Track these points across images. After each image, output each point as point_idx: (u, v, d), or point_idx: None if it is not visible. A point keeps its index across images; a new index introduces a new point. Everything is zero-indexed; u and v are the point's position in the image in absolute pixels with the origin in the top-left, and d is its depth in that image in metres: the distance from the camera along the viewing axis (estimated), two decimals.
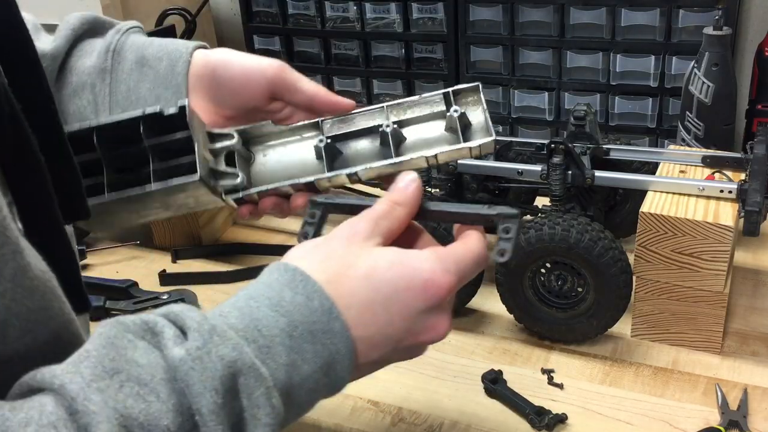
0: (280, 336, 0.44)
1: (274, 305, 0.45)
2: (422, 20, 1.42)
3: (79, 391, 0.37)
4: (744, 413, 0.78)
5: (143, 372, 0.39)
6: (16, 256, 0.39)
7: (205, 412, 0.39)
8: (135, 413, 0.38)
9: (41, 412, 0.36)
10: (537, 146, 1.01)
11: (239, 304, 0.46)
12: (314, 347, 0.46)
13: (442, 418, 0.80)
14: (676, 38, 1.25)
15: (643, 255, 0.86)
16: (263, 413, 0.42)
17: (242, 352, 0.42)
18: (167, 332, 0.41)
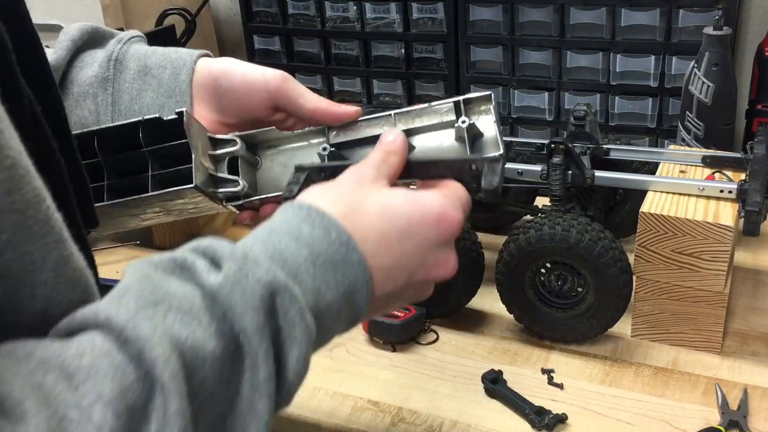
0: (305, 264, 0.46)
1: (295, 237, 0.47)
2: (422, 20, 1.42)
3: (127, 321, 0.37)
4: (744, 413, 0.78)
5: (182, 302, 0.40)
6: (60, 245, 0.39)
7: (249, 332, 0.40)
8: (183, 338, 0.38)
9: (93, 344, 0.37)
10: (537, 146, 1.01)
11: (261, 237, 0.47)
12: (335, 276, 0.47)
13: (442, 418, 0.80)
14: (676, 38, 1.25)
15: (643, 255, 0.86)
16: (299, 331, 0.43)
17: (276, 274, 0.43)
18: (199, 264, 0.42)
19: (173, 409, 0.36)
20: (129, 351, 0.37)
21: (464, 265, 0.90)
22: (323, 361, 0.90)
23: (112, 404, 0.35)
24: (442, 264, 0.53)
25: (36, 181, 0.38)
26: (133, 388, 0.36)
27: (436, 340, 0.93)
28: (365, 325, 0.92)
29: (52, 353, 0.36)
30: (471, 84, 1.42)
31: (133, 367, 0.36)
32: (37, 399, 0.33)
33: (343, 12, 1.47)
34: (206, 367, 0.39)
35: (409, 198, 0.52)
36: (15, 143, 0.37)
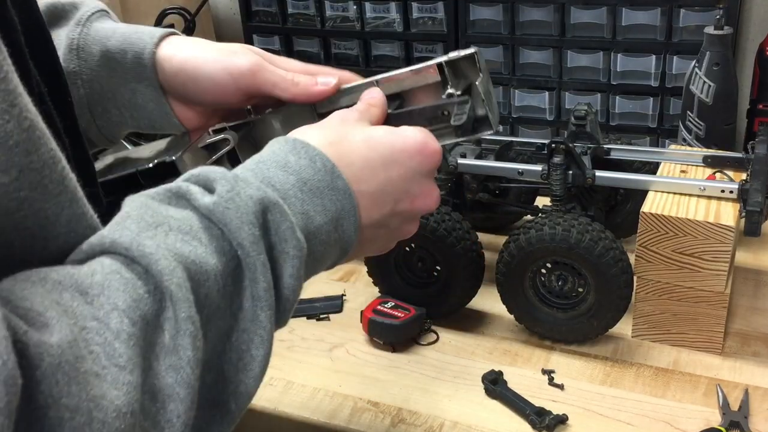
0: (293, 189, 0.48)
1: (282, 166, 0.49)
2: (422, 20, 1.42)
3: (131, 241, 0.40)
4: (745, 414, 0.78)
5: (182, 224, 0.42)
6: (73, 204, 0.41)
7: (246, 245, 0.42)
8: (186, 253, 0.41)
9: (102, 264, 0.39)
10: (537, 146, 1.01)
11: (250, 167, 0.49)
12: (322, 201, 0.49)
13: (442, 419, 0.80)
14: (677, 38, 1.25)
15: (643, 255, 0.86)
16: (290, 246, 0.45)
17: (266, 192, 0.45)
18: (193, 189, 0.44)
19: (183, 316, 0.38)
20: (136, 268, 0.39)
21: (464, 265, 0.90)
22: (323, 361, 0.90)
23: (127, 313, 0.37)
24: (425, 195, 0.56)
25: (52, 143, 0.40)
26: (145, 299, 0.38)
27: (436, 341, 0.93)
28: (365, 326, 0.92)
29: (65, 275, 0.38)
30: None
31: (142, 282, 0.39)
32: (57, 311, 0.35)
33: (342, 11, 1.47)
34: (210, 282, 0.41)
35: (391, 130, 0.55)
36: (32, 107, 0.39)
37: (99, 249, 0.40)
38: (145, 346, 0.37)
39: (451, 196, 1.00)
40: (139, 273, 0.39)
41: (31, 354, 0.33)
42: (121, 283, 0.38)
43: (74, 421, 0.33)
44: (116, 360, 0.36)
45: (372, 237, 0.55)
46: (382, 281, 0.97)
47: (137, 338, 0.37)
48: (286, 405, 0.83)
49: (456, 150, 1.01)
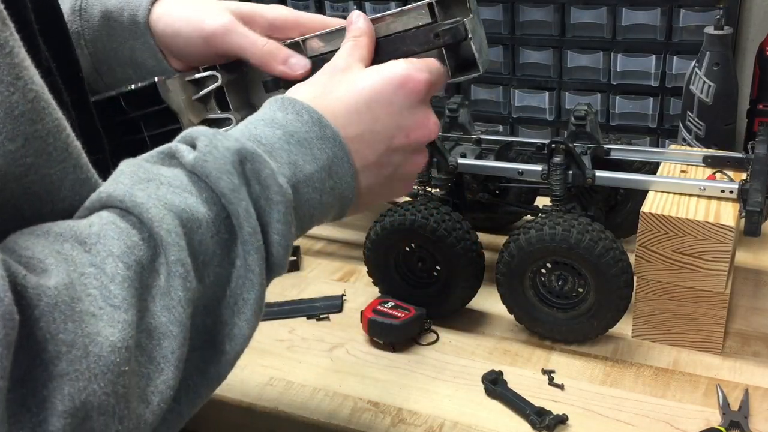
0: (279, 142, 0.49)
1: (269, 123, 0.51)
2: None
3: (125, 193, 0.42)
4: (745, 414, 0.78)
5: (171, 179, 0.44)
6: (77, 170, 0.44)
7: (226, 192, 0.44)
8: (176, 203, 0.43)
9: (99, 217, 0.42)
10: (537, 146, 1.01)
11: (238, 127, 0.51)
12: (312, 151, 0.50)
13: (442, 419, 0.80)
14: (677, 38, 1.25)
15: (643, 255, 0.86)
16: (273, 192, 0.46)
17: (244, 143, 0.47)
18: (181, 148, 0.47)
19: (173, 259, 0.41)
20: (130, 218, 0.42)
21: (464, 265, 0.90)
22: (323, 361, 0.90)
23: (122, 258, 0.40)
24: (421, 125, 0.56)
25: (56, 113, 0.42)
26: (139, 246, 0.41)
27: (436, 341, 0.93)
28: (365, 326, 0.92)
29: (65, 227, 0.41)
30: (471, 84, 1.42)
31: (137, 230, 0.41)
32: (56, 258, 0.38)
33: (343, 12, 1.46)
34: (202, 228, 0.44)
35: (373, 71, 0.56)
36: (37, 79, 0.41)
37: (98, 204, 0.43)
38: (141, 288, 0.40)
39: (451, 196, 1.00)
40: (133, 222, 0.42)
41: (30, 295, 0.35)
42: (116, 232, 0.41)
43: (71, 354, 0.35)
44: (112, 300, 0.38)
45: (376, 179, 0.55)
46: (382, 281, 0.97)
47: (132, 281, 0.39)
48: (286, 405, 0.83)
49: (456, 150, 1.01)
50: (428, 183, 0.98)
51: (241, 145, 0.46)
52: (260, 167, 0.46)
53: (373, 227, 0.94)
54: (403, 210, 0.91)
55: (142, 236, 0.41)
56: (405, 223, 0.90)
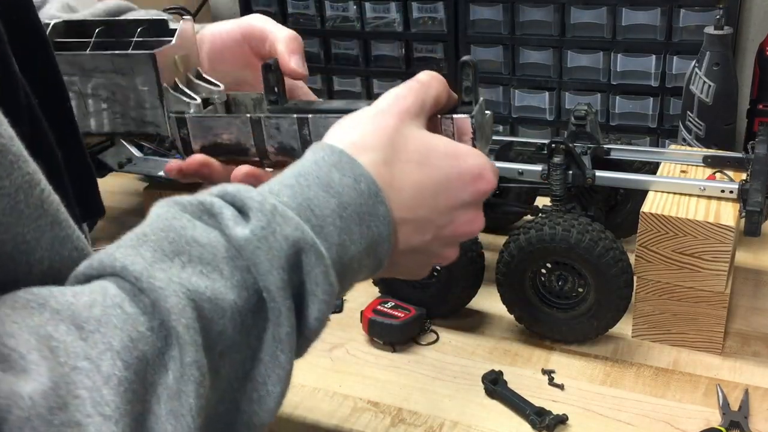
0: (332, 216, 0.45)
1: (324, 185, 0.45)
2: (422, 20, 1.42)
3: (143, 271, 0.38)
4: (745, 414, 0.78)
5: (204, 251, 0.40)
6: (54, 227, 0.40)
7: (273, 290, 0.40)
8: (201, 289, 0.38)
9: (105, 295, 0.37)
10: (537, 146, 1.01)
11: (289, 182, 0.46)
12: (360, 229, 0.46)
13: (442, 419, 0.80)
14: (677, 38, 1.25)
15: (643, 255, 0.86)
16: (321, 290, 0.43)
17: (304, 231, 0.43)
18: (226, 213, 0.42)
19: (189, 360, 0.36)
20: (143, 300, 0.37)
21: (464, 265, 0.90)
22: (323, 361, 0.90)
23: (122, 354, 0.35)
24: (471, 221, 0.52)
25: (28, 166, 0.39)
26: (146, 338, 0.36)
27: (436, 341, 0.93)
28: (365, 326, 0.92)
29: (64, 303, 0.36)
30: None
31: (146, 318, 0.37)
32: (43, 351, 0.34)
33: (343, 11, 1.47)
34: (226, 318, 0.39)
35: (452, 152, 0.51)
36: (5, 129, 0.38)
37: (110, 270, 0.38)
38: (141, 389, 0.36)
39: None
40: (145, 306, 0.37)
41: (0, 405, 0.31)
42: (121, 319, 0.36)
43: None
44: (102, 409, 0.33)
45: (408, 261, 0.52)
46: (382, 281, 0.97)
47: (130, 383, 0.35)
48: (286, 405, 0.83)
49: None
50: None
51: (300, 234, 0.42)
52: (315, 263, 0.42)
53: None
54: None
55: (152, 325, 0.37)
56: None
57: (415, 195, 0.49)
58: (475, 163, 0.52)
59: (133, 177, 1.33)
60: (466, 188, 0.51)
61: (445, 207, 0.50)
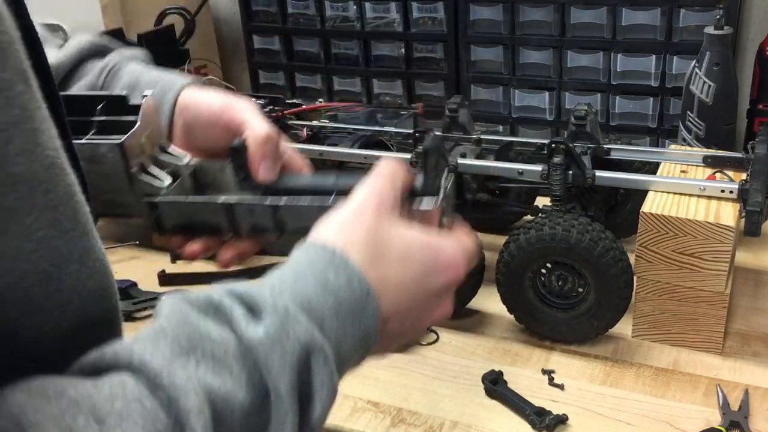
0: (329, 315, 0.46)
1: (320, 284, 0.47)
2: (422, 20, 1.42)
3: (163, 367, 0.38)
4: (745, 414, 0.78)
5: (216, 347, 0.40)
6: (83, 237, 0.40)
7: (283, 392, 0.41)
8: (215, 387, 0.39)
9: (124, 389, 0.37)
10: (537, 146, 1.01)
11: (288, 281, 0.47)
12: (352, 327, 0.47)
13: (442, 419, 0.80)
14: (677, 38, 1.25)
15: (643, 255, 0.86)
16: (325, 392, 0.44)
17: (314, 334, 0.44)
18: (237, 311, 0.42)
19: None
20: (161, 398, 0.37)
21: None
22: None
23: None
24: (442, 307, 0.55)
25: (69, 177, 0.39)
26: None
27: (436, 341, 0.93)
28: None
29: (84, 394, 0.36)
30: (471, 84, 1.42)
31: (165, 414, 0.37)
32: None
33: (343, 11, 1.47)
34: (234, 417, 0.40)
35: (426, 245, 0.53)
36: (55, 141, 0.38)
37: (126, 364, 0.38)
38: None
39: None
40: (163, 403, 0.37)
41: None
42: (142, 414, 0.36)
43: None
44: None
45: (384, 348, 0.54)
46: None
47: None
48: None
49: (456, 150, 1.01)
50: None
51: (311, 337, 0.43)
52: (323, 365, 0.44)
53: None
54: None
55: (169, 422, 0.37)
56: None
57: (398, 289, 0.51)
58: (449, 254, 0.53)
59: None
60: (440, 278, 0.53)
61: (423, 298, 0.52)
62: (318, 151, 1.04)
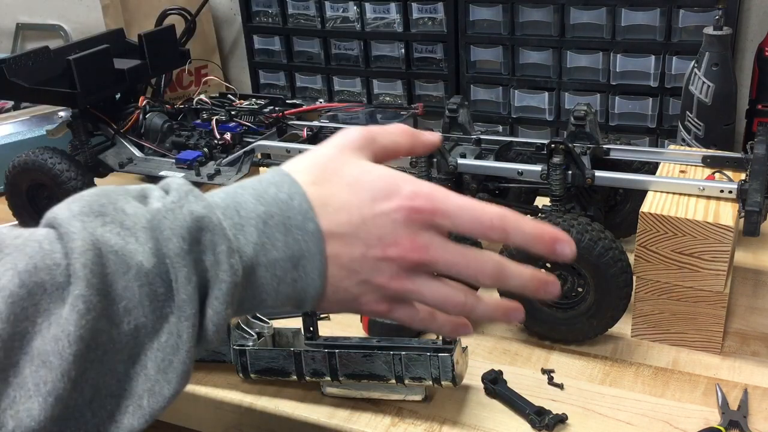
0: (255, 220, 0.48)
1: (257, 195, 0.49)
2: (422, 20, 1.42)
3: (65, 219, 0.44)
4: (744, 413, 0.78)
5: (127, 219, 0.45)
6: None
7: (171, 255, 0.45)
8: (111, 243, 0.43)
9: (33, 233, 0.43)
10: (537, 146, 1.01)
11: (228, 189, 0.51)
12: (285, 238, 0.48)
13: (442, 418, 0.80)
14: (677, 38, 1.25)
15: (643, 255, 0.86)
16: (222, 270, 0.46)
17: (212, 212, 0.47)
18: (155, 193, 0.48)
19: (77, 293, 0.41)
20: (60, 243, 0.43)
21: None
22: None
23: (22, 275, 0.41)
24: (399, 244, 0.49)
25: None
26: (51, 270, 0.42)
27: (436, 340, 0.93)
28: (365, 326, 0.92)
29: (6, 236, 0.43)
30: (471, 84, 1.42)
31: (59, 256, 0.42)
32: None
33: (343, 12, 1.47)
34: (130, 275, 0.43)
35: (386, 174, 0.51)
36: None
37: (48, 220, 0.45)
38: (34, 310, 0.41)
39: None
40: (61, 248, 0.42)
41: None
42: (36, 250, 0.42)
43: None
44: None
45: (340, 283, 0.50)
46: None
47: (21, 299, 0.40)
48: (286, 404, 0.83)
49: (456, 150, 1.01)
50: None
51: (207, 213, 0.46)
52: (218, 241, 0.46)
53: None
54: None
55: (59, 262, 0.42)
56: None
57: (342, 209, 0.49)
58: (409, 185, 0.50)
59: (134, 177, 1.33)
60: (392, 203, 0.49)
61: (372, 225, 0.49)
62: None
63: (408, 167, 0.98)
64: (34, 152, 1.13)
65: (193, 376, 0.87)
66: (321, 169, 0.51)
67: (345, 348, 0.80)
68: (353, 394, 0.82)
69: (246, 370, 0.83)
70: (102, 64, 1.13)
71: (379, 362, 0.79)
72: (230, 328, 0.83)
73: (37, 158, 1.12)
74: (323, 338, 0.85)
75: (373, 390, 0.82)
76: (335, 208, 0.49)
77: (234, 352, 0.83)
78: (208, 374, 0.87)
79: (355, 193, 0.50)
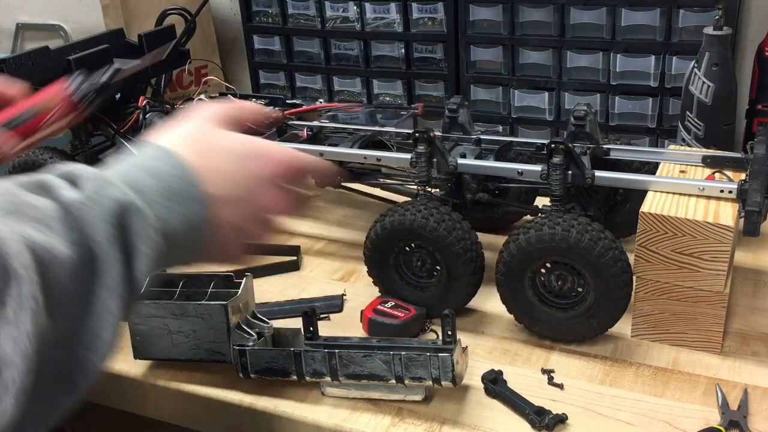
0: (155, 195, 0.52)
1: (149, 171, 0.53)
2: (422, 20, 1.42)
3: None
4: (744, 413, 0.78)
5: (38, 213, 0.46)
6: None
7: (100, 240, 0.47)
8: (36, 240, 0.44)
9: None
10: (537, 146, 1.01)
11: (119, 169, 0.53)
12: (182, 206, 0.53)
13: (442, 418, 0.80)
14: (677, 38, 1.25)
15: (643, 255, 0.86)
16: (145, 245, 0.49)
17: (130, 195, 0.50)
18: (58, 183, 0.49)
19: (26, 292, 0.42)
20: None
21: (464, 265, 0.90)
22: None
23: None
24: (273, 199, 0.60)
25: None
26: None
27: (436, 341, 0.93)
28: (365, 325, 0.92)
29: None
30: (471, 84, 1.42)
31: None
32: None
33: (343, 12, 1.47)
34: (60, 268, 0.45)
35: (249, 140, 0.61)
36: None
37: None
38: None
39: (450, 196, 1.00)
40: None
41: None
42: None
43: None
44: None
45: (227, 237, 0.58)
46: (382, 281, 0.97)
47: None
48: (286, 405, 0.83)
49: (456, 150, 1.01)
50: (428, 183, 0.98)
51: (127, 197, 0.49)
52: (139, 221, 0.49)
53: (373, 227, 0.94)
54: (403, 210, 0.91)
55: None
56: (405, 223, 0.90)
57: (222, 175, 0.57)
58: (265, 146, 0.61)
59: None
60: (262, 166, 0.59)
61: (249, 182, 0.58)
62: (318, 152, 1.04)
63: (408, 167, 0.98)
64: (35, 152, 1.13)
65: (193, 376, 0.87)
66: (198, 143, 0.58)
67: (345, 348, 0.81)
68: (353, 394, 0.82)
69: (246, 370, 0.83)
70: (102, 64, 1.13)
71: (379, 362, 0.79)
72: (230, 328, 0.83)
73: (38, 158, 1.13)
74: (323, 338, 0.85)
75: (373, 390, 0.81)
76: (219, 176, 0.56)
77: (234, 352, 0.83)
78: (208, 374, 0.87)
79: (228, 158, 0.58)
